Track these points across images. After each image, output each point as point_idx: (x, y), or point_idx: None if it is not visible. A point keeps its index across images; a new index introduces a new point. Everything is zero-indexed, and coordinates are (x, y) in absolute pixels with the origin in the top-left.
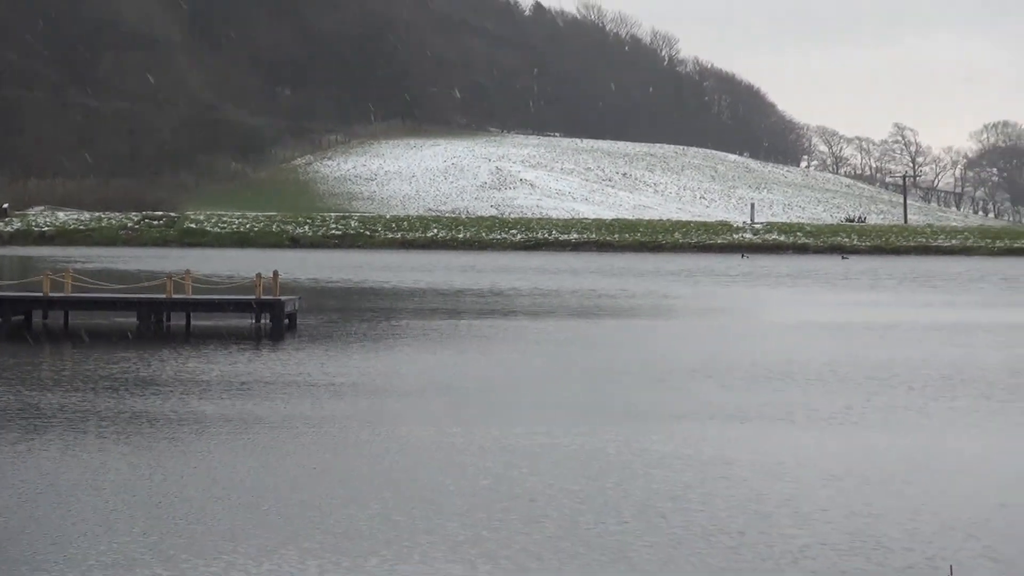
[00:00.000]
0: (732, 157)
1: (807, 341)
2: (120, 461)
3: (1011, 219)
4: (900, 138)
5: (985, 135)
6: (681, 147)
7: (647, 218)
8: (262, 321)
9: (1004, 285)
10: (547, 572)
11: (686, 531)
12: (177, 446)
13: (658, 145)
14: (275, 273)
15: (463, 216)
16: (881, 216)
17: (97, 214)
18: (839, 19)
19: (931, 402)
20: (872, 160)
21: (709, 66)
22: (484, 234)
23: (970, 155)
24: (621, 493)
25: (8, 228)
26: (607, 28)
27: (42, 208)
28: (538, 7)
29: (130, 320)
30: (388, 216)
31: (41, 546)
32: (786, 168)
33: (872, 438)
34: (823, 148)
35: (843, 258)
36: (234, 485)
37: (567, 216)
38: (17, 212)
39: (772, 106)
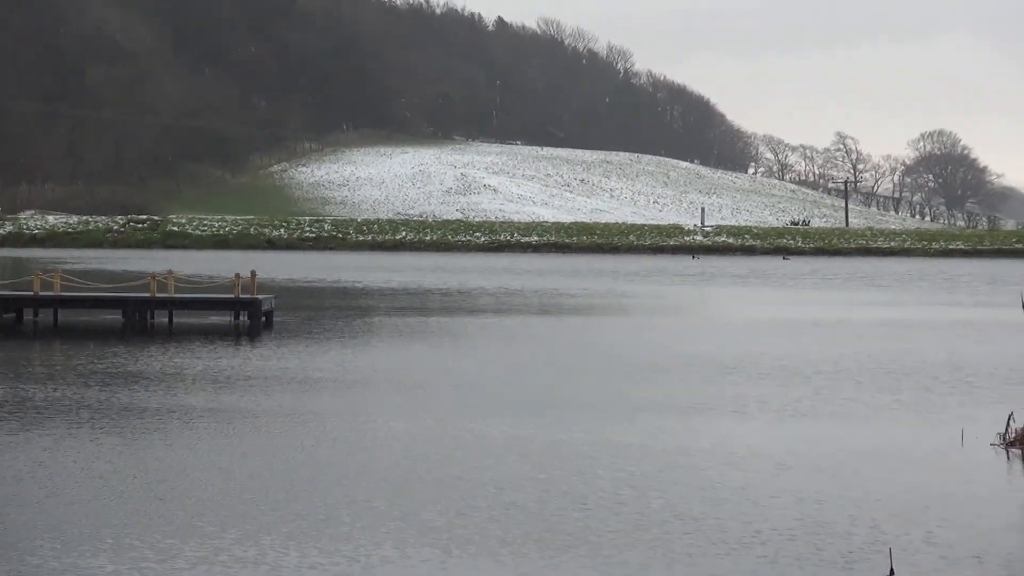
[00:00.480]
0: (684, 164)
1: (758, 337)
2: (111, 451)
3: (946, 222)
4: (842, 146)
5: (922, 143)
6: (635, 155)
7: (603, 221)
8: (241, 318)
9: (944, 284)
10: (514, 556)
11: (645, 517)
12: (165, 437)
13: (614, 153)
14: (253, 273)
15: (430, 220)
16: (824, 220)
17: (85, 218)
18: (785, 34)
19: (876, 395)
20: (816, 167)
21: (662, 78)
22: (450, 237)
23: (908, 162)
24: (585, 481)
25: (3, 231)
26: (566, 43)
27: (33, 212)
28: (501, 22)
29: (116, 317)
30: (359, 220)
31: (37, 531)
32: (734, 174)
33: (820, 429)
34: (769, 156)
35: (784, 259)
36: (220, 474)
37: (528, 220)
38: (9, 216)
39: (721, 116)
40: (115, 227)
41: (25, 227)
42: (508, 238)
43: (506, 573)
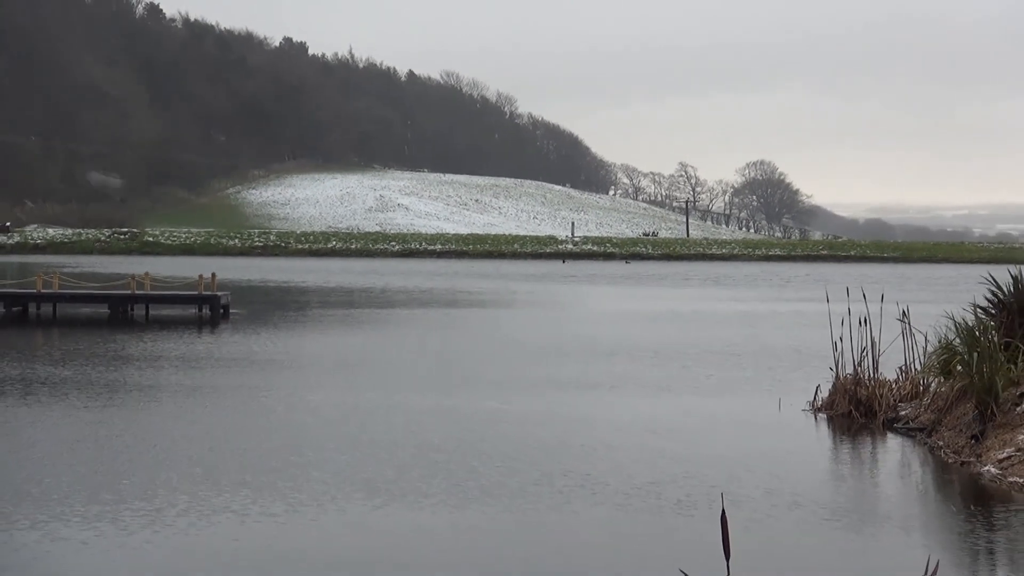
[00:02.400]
0: (557, 187)
1: (629, 326)
2: (107, 418)
3: (767, 233)
4: (684, 173)
5: (747, 170)
6: (519, 180)
7: (493, 233)
8: (203, 311)
9: (778, 283)
10: (437, 504)
11: (542, 473)
12: (149, 407)
13: (502, 178)
14: (213, 275)
15: (355, 232)
16: (669, 231)
17: (78, 230)
18: (639, 82)
19: (730, 373)
20: (663, 189)
21: (540, 119)
22: (371, 245)
23: (736, 185)
24: (494, 444)
25: (10, 241)
26: (463, 90)
27: (36, 226)
28: (411, 74)
29: (103, 310)
30: (298, 232)
31: (48, 484)
32: (598, 195)
33: (681, 401)
34: (626, 180)
35: (626, 263)
36: (198, 438)
37: (433, 232)
38: (17, 229)
39: (587, 148)
40: (102, 238)
41: (30, 238)
42: (417, 246)
43: (431, 518)
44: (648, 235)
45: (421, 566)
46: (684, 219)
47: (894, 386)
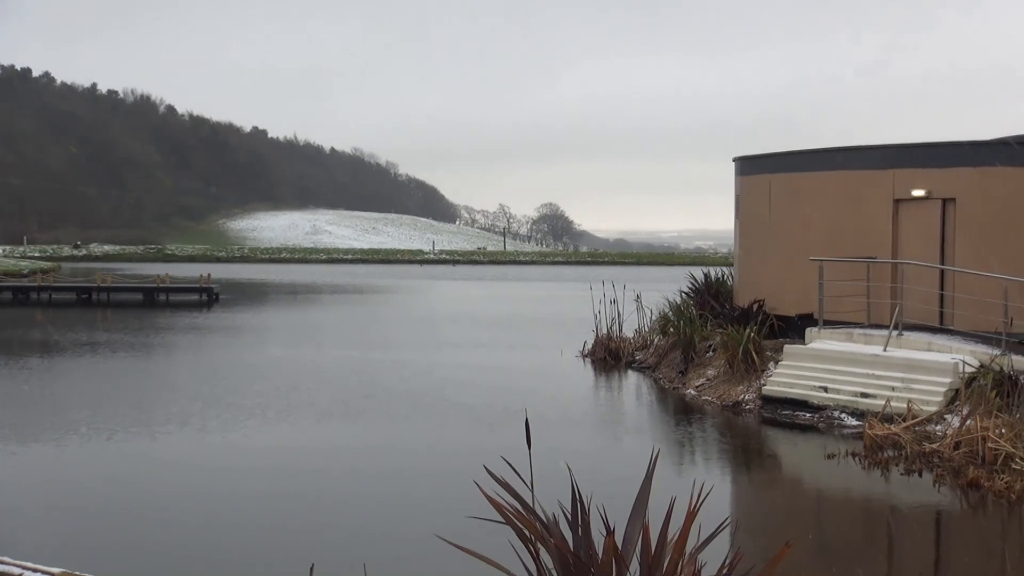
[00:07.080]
0: (424, 219)
1: (483, 305)
2: (144, 366)
3: (553, 247)
4: (503, 210)
5: (542, 208)
6: (399, 214)
7: (385, 248)
8: (203, 297)
9: (578, 280)
10: (368, 421)
11: (429, 401)
12: (170, 358)
13: (389, 213)
14: (209, 274)
15: (298, 247)
16: (494, 246)
17: (122, 246)
18: (480, 152)
19: (539, 334)
20: (489, 220)
21: (413, 176)
22: (308, 256)
23: (535, 217)
24: (407, 384)
25: (80, 253)
26: (365, 159)
27: (96, 244)
28: (333, 149)
29: (139, 297)
30: (262, 248)
31: (75, 416)
32: (449, 224)
33: (515, 354)
34: (466, 214)
35: (453, 265)
36: (200, 379)
37: (347, 247)
38: (84, 245)
39: (442, 196)
40: (139, 251)
41: (93, 251)
42: (338, 257)
43: (365, 431)
44: (480, 249)
45: (360, 456)
46: (503, 238)
47: (632, 341)
